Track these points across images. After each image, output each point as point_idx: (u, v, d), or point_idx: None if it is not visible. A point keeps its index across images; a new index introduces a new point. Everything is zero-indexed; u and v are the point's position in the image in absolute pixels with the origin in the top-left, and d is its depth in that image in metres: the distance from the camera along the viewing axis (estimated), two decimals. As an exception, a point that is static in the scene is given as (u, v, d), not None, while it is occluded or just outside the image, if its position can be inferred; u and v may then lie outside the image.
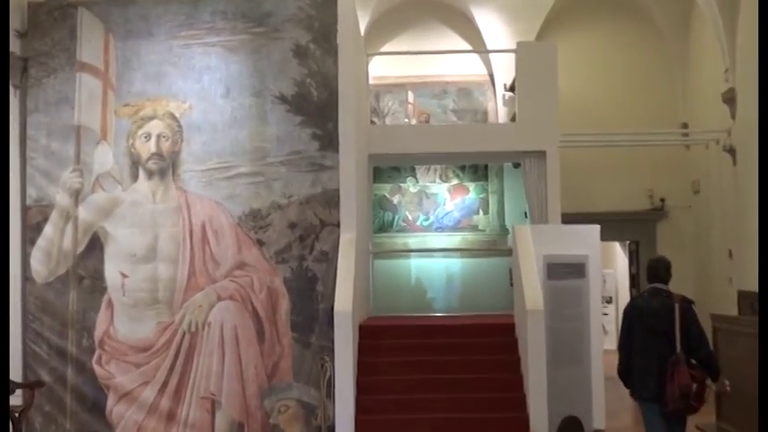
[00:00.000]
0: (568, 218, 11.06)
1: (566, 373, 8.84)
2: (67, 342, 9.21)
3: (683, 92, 13.91)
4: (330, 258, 9.09)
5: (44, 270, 9.29)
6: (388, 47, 14.06)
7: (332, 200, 9.22)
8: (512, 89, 12.81)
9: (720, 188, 12.16)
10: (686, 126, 13.74)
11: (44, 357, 9.20)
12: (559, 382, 8.62)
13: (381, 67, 13.65)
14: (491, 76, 14.01)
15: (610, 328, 15.70)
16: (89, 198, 9.35)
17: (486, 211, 13.31)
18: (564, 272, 9.13)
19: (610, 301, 16.70)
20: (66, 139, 9.39)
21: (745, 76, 10.77)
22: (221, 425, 9.02)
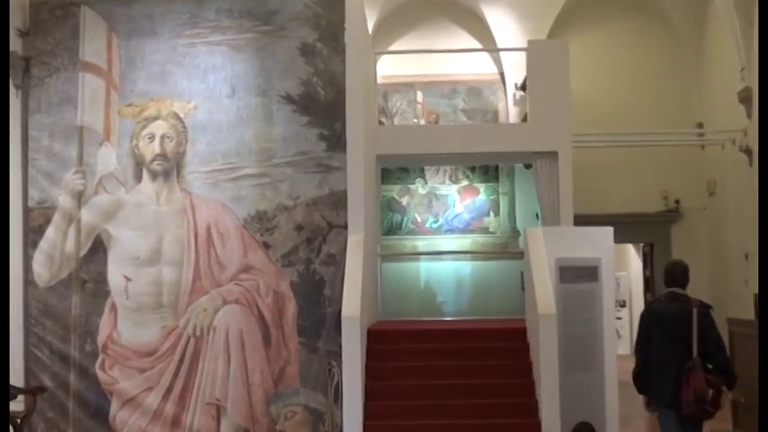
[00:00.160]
0: (581, 220, 10.95)
1: (578, 379, 8.74)
2: (70, 347, 9.18)
3: (697, 90, 13.82)
4: (338, 261, 9.04)
5: (46, 273, 9.26)
6: (397, 45, 14.01)
7: (339, 201, 9.16)
8: (523, 88, 12.72)
9: (736, 189, 12.06)
10: (701, 126, 13.65)
11: (46, 362, 9.18)
12: (572, 387, 8.53)
13: (390, 66, 13.63)
14: (502, 75, 13.96)
15: (623, 333, 15.81)
16: (92, 200, 9.31)
17: (497, 213, 13.23)
18: (576, 275, 9.01)
19: (623, 305, 16.76)
20: (69, 140, 9.37)
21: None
22: (227, 431, 8.95)
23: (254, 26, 9.41)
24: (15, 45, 9.21)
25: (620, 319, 14.91)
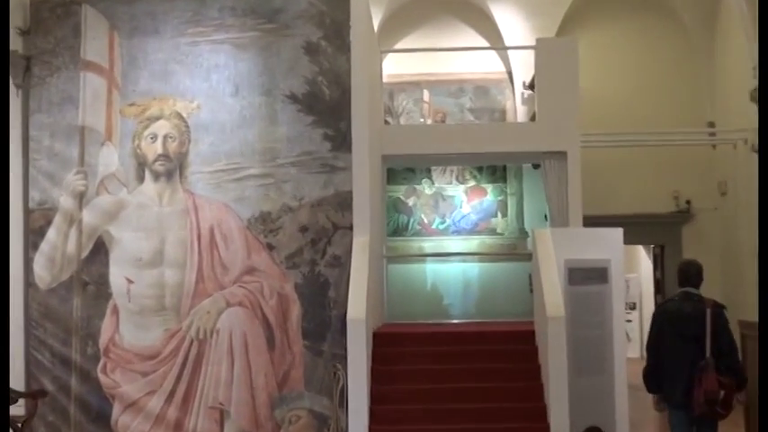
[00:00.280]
0: (590, 221, 10.90)
1: (588, 382, 8.71)
2: (71, 350, 9.12)
3: (709, 89, 13.74)
4: (343, 263, 8.98)
5: (47, 276, 9.19)
6: (403, 43, 13.96)
7: (344, 202, 9.09)
8: (531, 87, 12.71)
9: (749, 189, 11.88)
10: (713, 125, 13.58)
11: (47, 366, 9.11)
12: (581, 391, 8.50)
13: (396, 65, 13.56)
14: (509, 73, 13.90)
15: (633, 336, 15.86)
16: (94, 201, 9.25)
17: (505, 214, 13.20)
18: (586, 277, 8.99)
19: (633, 308, 16.79)
20: (70, 140, 9.30)
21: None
22: (230, 436, 8.95)
23: (257, 24, 9.34)
24: (16, 44, 9.13)
25: (629, 321, 14.97)
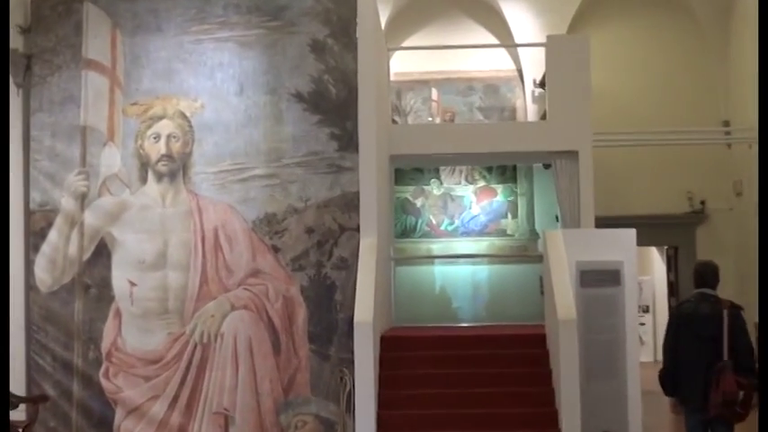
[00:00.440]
0: (602, 222, 10.85)
1: (600, 387, 8.69)
2: (73, 354, 9.16)
3: (723, 87, 13.68)
4: (349, 265, 8.97)
5: (48, 278, 9.23)
6: (411, 41, 13.93)
7: (351, 203, 9.09)
8: (542, 85, 12.68)
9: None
10: (728, 124, 13.54)
11: (49, 370, 9.16)
12: (593, 396, 8.48)
13: (403, 63, 13.55)
14: (520, 71, 13.89)
15: (647, 339, 15.78)
16: (95, 202, 9.28)
17: (515, 215, 13.13)
18: (598, 279, 8.94)
19: (647, 311, 16.78)
20: (72, 140, 9.35)
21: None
22: (235, 442, 8.95)
23: (262, 22, 9.35)
24: (16, 42, 9.15)
25: (643, 324, 14.86)
